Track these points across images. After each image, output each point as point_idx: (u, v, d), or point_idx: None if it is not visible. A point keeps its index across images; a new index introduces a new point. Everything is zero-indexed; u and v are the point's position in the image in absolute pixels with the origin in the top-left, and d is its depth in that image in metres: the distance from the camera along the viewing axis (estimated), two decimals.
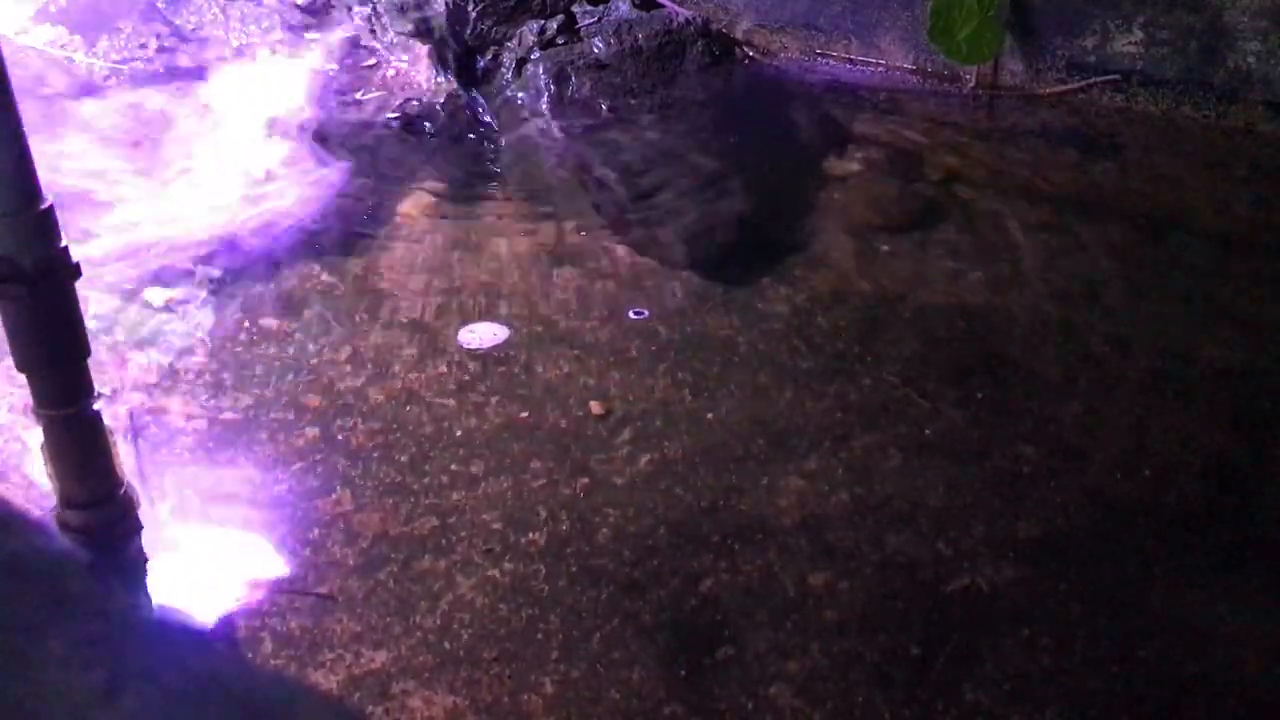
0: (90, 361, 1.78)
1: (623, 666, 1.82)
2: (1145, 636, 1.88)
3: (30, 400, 1.78)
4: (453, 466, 2.24)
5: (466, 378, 2.48)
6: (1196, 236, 3.05)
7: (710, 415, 2.38)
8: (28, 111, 1.61)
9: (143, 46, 3.83)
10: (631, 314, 2.56)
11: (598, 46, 3.95)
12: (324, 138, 3.51)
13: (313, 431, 2.32)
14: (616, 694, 1.78)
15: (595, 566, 2.01)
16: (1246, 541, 2.08)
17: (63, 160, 3.24)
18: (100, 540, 1.85)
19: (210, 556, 2.03)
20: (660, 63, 3.97)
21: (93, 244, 2.90)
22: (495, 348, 2.57)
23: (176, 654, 1.77)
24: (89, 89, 3.68)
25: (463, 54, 3.95)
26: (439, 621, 1.90)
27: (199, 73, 3.76)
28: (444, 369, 2.51)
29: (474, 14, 4.02)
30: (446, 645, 1.86)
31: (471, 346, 2.57)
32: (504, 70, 3.94)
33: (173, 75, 3.75)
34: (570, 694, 1.78)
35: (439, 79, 3.80)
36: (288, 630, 1.88)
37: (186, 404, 2.39)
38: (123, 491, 1.87)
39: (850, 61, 4.13)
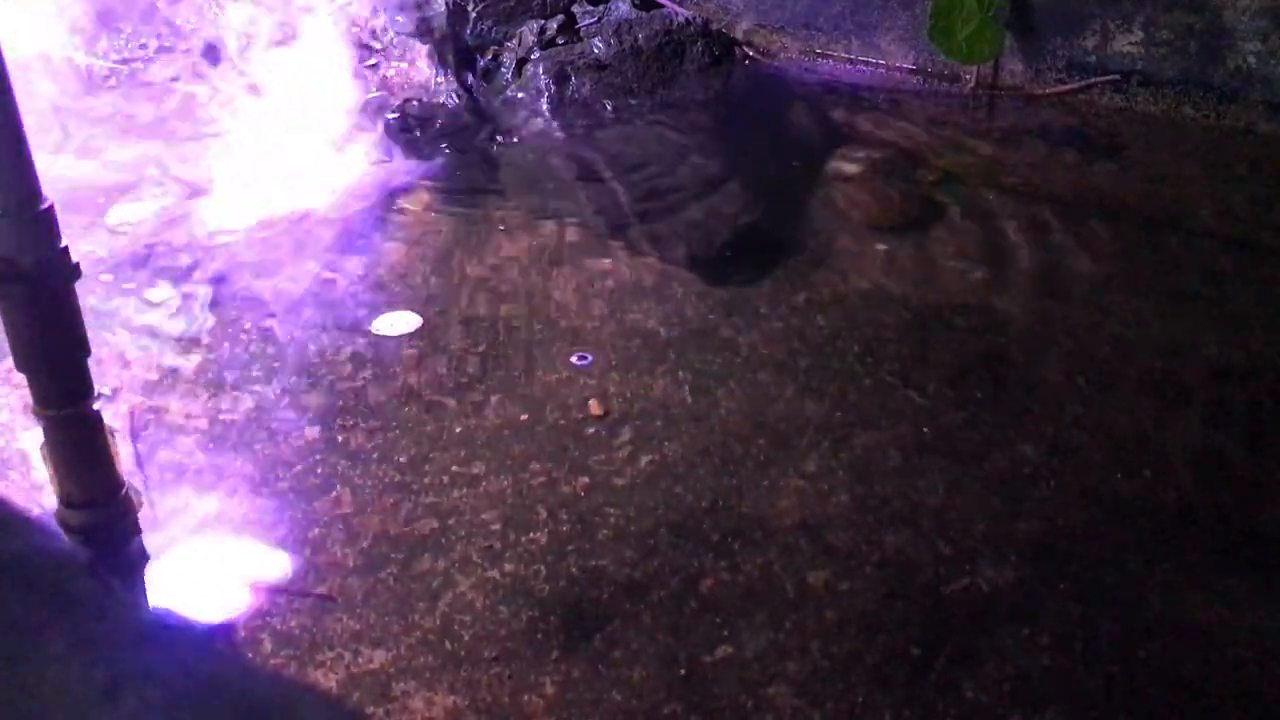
0: (90, 361, 1.78)
1: (623, 666, 1.82)
2: (1145, 636, 1.88)
3: (30, 400, 1.78)
4: (453, 466, 2.24)
5: (465, 378, 2.49)
6: (1196, 236, 3.05)
7: (710, 415, 2.38)
8: (26, 111, 1.61)
9: (143, 46, 3.83)
10: (575, 360, 2.54)
11: (598, 46, 3.95)
12: (323, 137, 3.51)
13: (313, 431, 2.32)
14: (616, 694, 1.78)
15: (595, 566, 2.01)
16: (1246, 541, 2.08)
17: (60, 159, 3.24)
18: (100, 540, 1.85)
19: (210, 556, 2.03)
20: (660, 63, 3.97)
21: (92, 244, 2.90)
22: (406, 335, 2.62)
23: (177, 654, 1.76)
24: (88, 88, 3.69)
25: (463, 54, 3.95)
26: (439, 621, 1.90)
27: (198, 73, 3.76)
28: (444, 369, 2.51)
29: (474, 14, 4.02)
30: (447, 645, 1.86)
31: (382, 333, 2.62)
32: (504, 70, 3.94)
33: (171, 76, 3.75)
34: (570, 694, 1.78)
35: (439, 79, 3.80)
36: (288, 630, 1.88)
37: (186, 404, 2.39)
38: (123, 491, 1.87)
39: (850, 62, 4.13)
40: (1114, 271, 2.88)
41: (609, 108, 3.79)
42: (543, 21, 4.04)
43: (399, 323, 2.66)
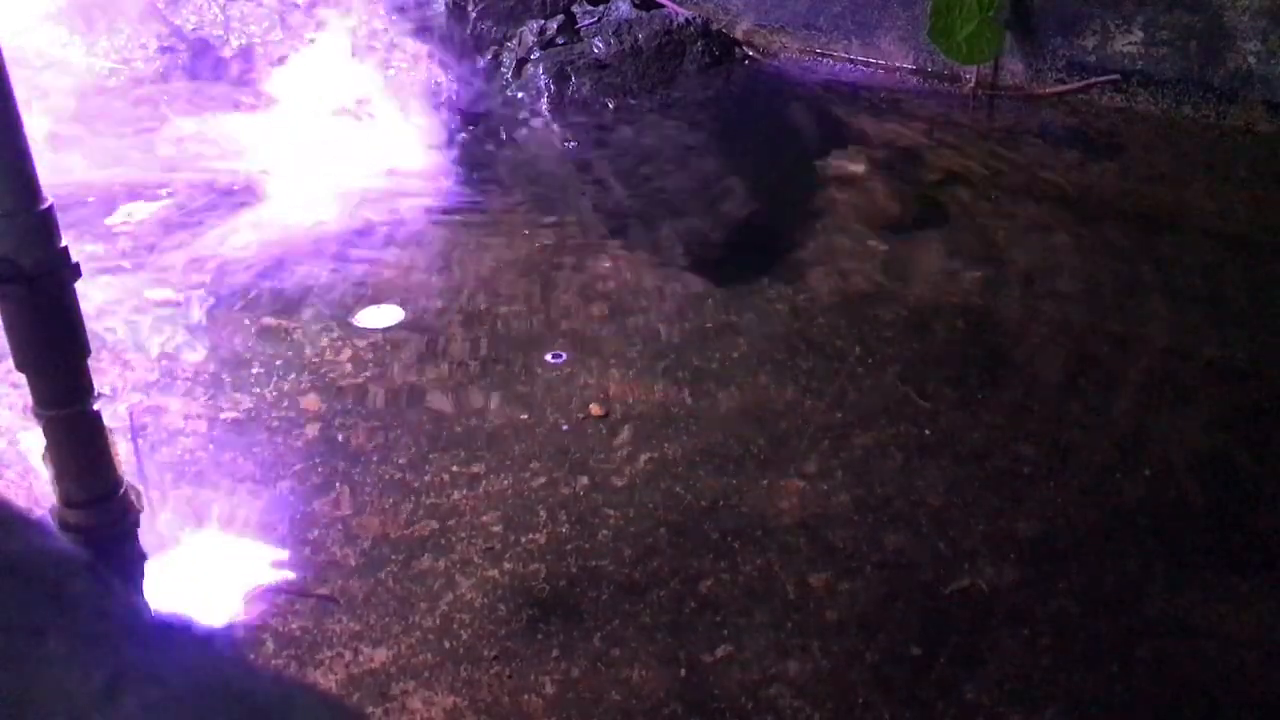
0: (90, 361, 1.78)
1: (623, 666, 1.82)
2: (1145, 636, 1.88)
3: (30, 400, 1.78)
4: (453, 467, 2.24)
5: (467, 377, 2.48)
6: (1196, 236, 3.05)
7: (710, 415, 2.38)
8: (26, 111, 1.61)
9: (143, 47, 3.83)
10: (550, 357, 2.54)
11: (598, 46, 3.95)
12: (321, 137, 3.51)
13: (313, 431, 2.32)
14: (616, 694, 1.78)
15: (595, 566, 2.01)
16: (1246, 541, 2.08)
17: (60, 159, 3.24)
18: (100, 540, 1.85)
19: (210, 556, 2.03)
20: (660, 63, 3.97)
21: (92, 244, 2.90)
22: (405, 335, 2.61)
23: (177, 654, 1.76)
24: (88, 88, 3.68)
25: (463, 54, 3.95)
26: (439, 621, 1.90)
27: (197, 74, 3.76)
28: (445, 368, 2.51)
29: (474, 14, 4.02)
30: (447, 645, 1.86)
31: (366, 325, 2.63)
32: (504, 70, 3.94)
33: (171, 76, 3.75)
34: (570, 694, 1.78)
35: (439, 79, 3.80)
36: (288, 630, 1.88)
37: (186, 404, 2.39)
38: (123, 491, 1.87)
39: (850, 61, 4.13)
40: (1114, 271, 2.88)
41: (609, 107, 3.79)
42: (543, 21, 4.04)
43: (386, 317, 2.67)
